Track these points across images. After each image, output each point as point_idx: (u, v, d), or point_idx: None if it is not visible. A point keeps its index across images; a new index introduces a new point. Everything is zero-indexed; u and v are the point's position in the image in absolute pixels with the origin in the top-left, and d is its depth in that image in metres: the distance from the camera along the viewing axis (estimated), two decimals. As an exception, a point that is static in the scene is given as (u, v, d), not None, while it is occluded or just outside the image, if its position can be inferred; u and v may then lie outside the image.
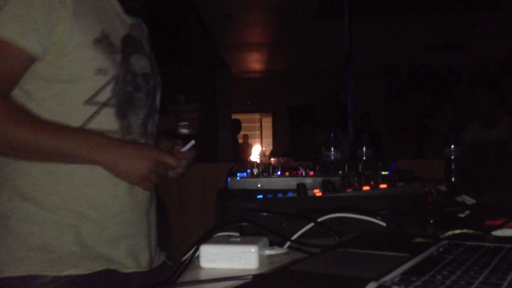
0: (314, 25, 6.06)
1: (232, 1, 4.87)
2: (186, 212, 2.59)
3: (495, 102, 3.28)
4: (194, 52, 4.40)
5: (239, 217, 0.93)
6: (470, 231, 0.84)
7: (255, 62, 8.33)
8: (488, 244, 0.70)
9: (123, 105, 1.10)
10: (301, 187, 1.02)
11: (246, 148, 10.37)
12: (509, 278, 0.52)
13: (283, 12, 5.31)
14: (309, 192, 1.02)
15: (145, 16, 1.31)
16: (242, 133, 10.01)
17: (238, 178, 1.11)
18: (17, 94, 1.03)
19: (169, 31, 3.75)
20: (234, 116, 9.15)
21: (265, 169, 1.17)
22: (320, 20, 6.16)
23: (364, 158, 2.10)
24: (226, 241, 0.77)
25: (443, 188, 1.39)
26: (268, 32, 6.36)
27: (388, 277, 0.53)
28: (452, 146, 1.91)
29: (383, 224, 0.91)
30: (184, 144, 1.26)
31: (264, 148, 11.16)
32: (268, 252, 0.78)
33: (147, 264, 1.16)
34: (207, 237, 0.81)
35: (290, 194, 1.01)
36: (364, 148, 2.13)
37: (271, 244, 0.81)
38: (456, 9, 5.71)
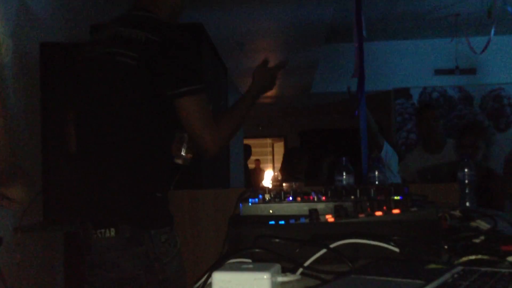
0: (325, 50, 6.10)
1: (243, 29, 4.93)
2: (198, 238, 2.58)
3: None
4: (207, 78, 4.45)
5: (251, 243, 0.93)
6: (485, 257, 0.82)
7: (266, 87, 8.37)
8: (503, 270, 0.69)
9: None
10: (313, 213, 1.01)
11: (257, 173, 10.36)
12: (525, 306, 0.52)
13: (293, 38, 5.36)
14: (321, 218, 1.01)
15: None
16: (253, 158, 10.01)
17: (249, 204, 1.11)
18: None
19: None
20: (246, 141, 9.17)
21: (277, 194, 1.17)
22: (331, 45, 6.20)
23: (376, 182, 2.09)
24: (238, 268, 0.77)
25: (457, 213, 1.37)
26: (278, 58, 6.41)
27: (401, 305, 0.52)
28: (466, 170, 1.89)
29: (397, 250, 0.90)
30: None
31: (276, 173, 11.13)
32: (280, 278, 0.78)
33: None
34: (219, 264, 0.81)
35: (302, 220, 1.01)
36: (376, 173, 2.12)
37: (284, 271, 0.80)
38: (467, 32, 5.72)
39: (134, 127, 1.56)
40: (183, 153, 1.78)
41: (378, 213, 1.01)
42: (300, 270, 0.83)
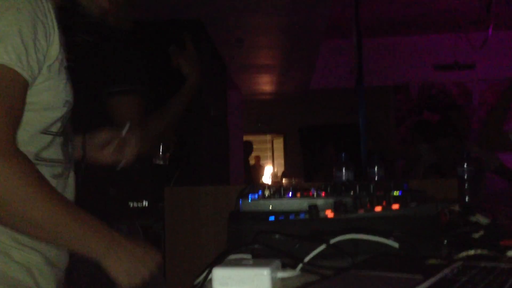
0: (324, 46, 6.10)
1: (242, 25, 4.92)
2: (198, 235, 2.58)
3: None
4: (206, 75, 4.46)
5: (251, 239, 0.93)
6: (485, 252, 0.83)
7: (265, 84, 8.38)
8: (503, 265, 0.69)
9: (65, 134, 1.05)
10: (313, 209, 1.02)
11: (257, 170, 10.36)
12: (524, 300, 0.52)
13: (293, 34, 5.35)
14: (321, 214, 1.02)
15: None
16: (253, 154, 10.01)
17: (249, 200, 1.11)
18: None
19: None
20: (245, 138, 9.17)
21: (277, 190, 1.17)
22: (329, 41, 6.20)
23: (376, 178, 2.09)
24: (238, 264, 0.77)
25: (456, 208, 1.38)
26: (278, 54, 6.40)
27: (401, 299, 0.53)
28: (465, 166, 1.89)
29: (396, 245, 0.90)
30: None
31: (275, 169, 11.14)
32: (280, 274, 0.78)
33: None
34: (220, 260, 0.81)
35: (301, 216, 1.01)
36: (375, 168, 2.12)
37: (284, 267, 0.80)
38: (466, 28, 5.71)
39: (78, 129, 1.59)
40: (160, 153, 1.80)
41: (378, 209, 1.01)
42: (300, 265, 0.83)
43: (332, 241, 0.89)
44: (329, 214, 1.01)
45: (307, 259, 0.85)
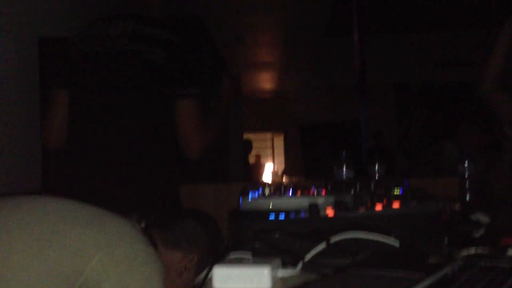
0: (324, 43, 6.09)
1: (243, 22, 4.92)
2: (199, 233, 2.58)
3: None
4: (206, 73, 4.45)
5: (252, 238, 0.93)
6: (485, 251, 0.83)
7: (266, 81, 8.37)
8: (503, 264, 0.69)
9: None
10: (313, 207, 1.02)
11: (258, 168, 10.36)
12: (525, 299, 0.52)
13: (293, 32, 5.35)
14: (321, 212, 1.02)
15: None
16: (254, 153, 10.00)
17: (249, 198, 1.11)
18: None
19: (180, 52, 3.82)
20: (246, 135, 9.16)
21: (277, 189, 1.17)
22: (330, 39, 6.19)
23: (376, 176, 2.08)
24: (239, 262, 0.77)
25: (457, 206, 1.37)
26: (278, 51, 6.40)
27: (402, 298, 0.53)
28: (466, 163, 1.88)
29: (397, 243, 0.90)
30: None
31: (276, 168, 11.13)
32: (281, 273, 0.78)
33: None
34: (220, 258, 0.81)
35: (302, 214, 1.01)
36: (376, 166, 2.11)
37: (284, 265, 0.80)
38: (467, 26, 5.71)
39: (153, 126, 1.57)
40: None
41: (378, 207, 1.01)
42: (301, 264, 0.83)
43: (333, 239, 0.89)
44: (330, 212, 1.01)
45: (307, 257, 0.85)
